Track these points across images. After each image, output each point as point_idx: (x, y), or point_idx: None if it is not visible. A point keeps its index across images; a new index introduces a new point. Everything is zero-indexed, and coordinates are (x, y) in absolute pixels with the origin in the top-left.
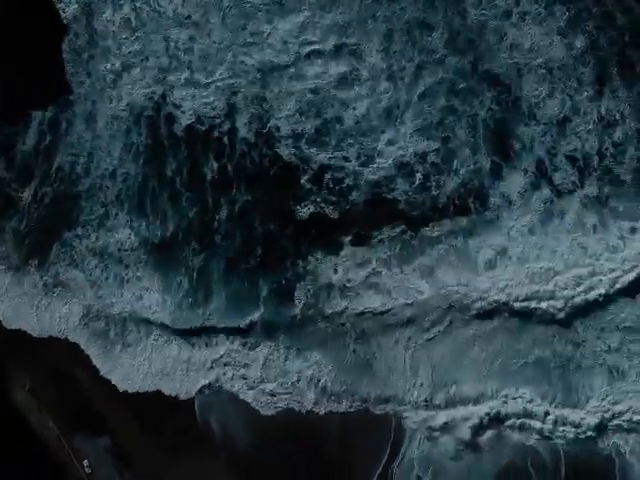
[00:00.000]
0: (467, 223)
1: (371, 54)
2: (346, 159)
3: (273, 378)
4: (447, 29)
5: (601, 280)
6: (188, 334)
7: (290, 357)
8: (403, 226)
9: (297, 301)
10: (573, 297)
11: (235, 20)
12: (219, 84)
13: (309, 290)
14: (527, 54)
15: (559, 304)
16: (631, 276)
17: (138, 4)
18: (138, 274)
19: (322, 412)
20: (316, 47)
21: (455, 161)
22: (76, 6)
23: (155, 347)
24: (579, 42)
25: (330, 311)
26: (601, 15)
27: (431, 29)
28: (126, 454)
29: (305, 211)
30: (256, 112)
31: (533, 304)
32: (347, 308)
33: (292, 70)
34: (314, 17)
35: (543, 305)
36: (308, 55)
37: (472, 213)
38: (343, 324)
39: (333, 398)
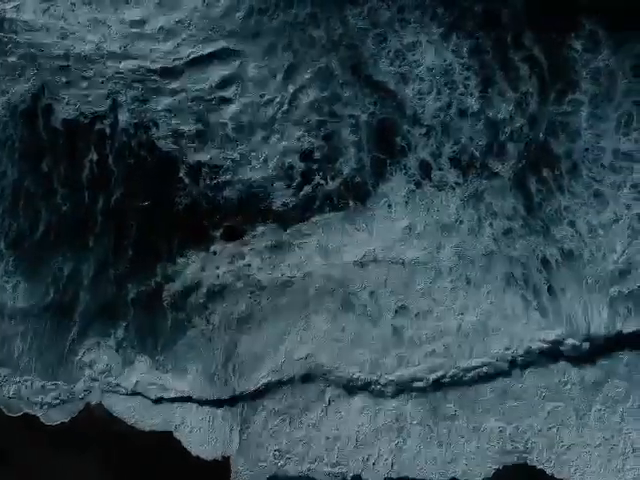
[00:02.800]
0: (342, 221)
1: (253, 62)
2: (224, 158)
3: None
4: (329, 39)
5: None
6: (53, 345)
7: (162, 372)
8: (277, 222)
9: (165, 303)
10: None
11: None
12: (100, 83)
13: (177, 291)
14: (410, 60)
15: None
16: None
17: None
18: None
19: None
20: (198, 54)
21: (336, 160)
22: None
23: None
24: (462, 46)
25: (198, 316)
26: (483, 15)
27: (312, 39)
28: (4, 452)
29: (179, 204)
30: (137, 110)
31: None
32: (214, 311)
33: (172, 76)
34: (196, 33)
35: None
36: (190, 62)
37: (350, 211)
38: (211, 339)
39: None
